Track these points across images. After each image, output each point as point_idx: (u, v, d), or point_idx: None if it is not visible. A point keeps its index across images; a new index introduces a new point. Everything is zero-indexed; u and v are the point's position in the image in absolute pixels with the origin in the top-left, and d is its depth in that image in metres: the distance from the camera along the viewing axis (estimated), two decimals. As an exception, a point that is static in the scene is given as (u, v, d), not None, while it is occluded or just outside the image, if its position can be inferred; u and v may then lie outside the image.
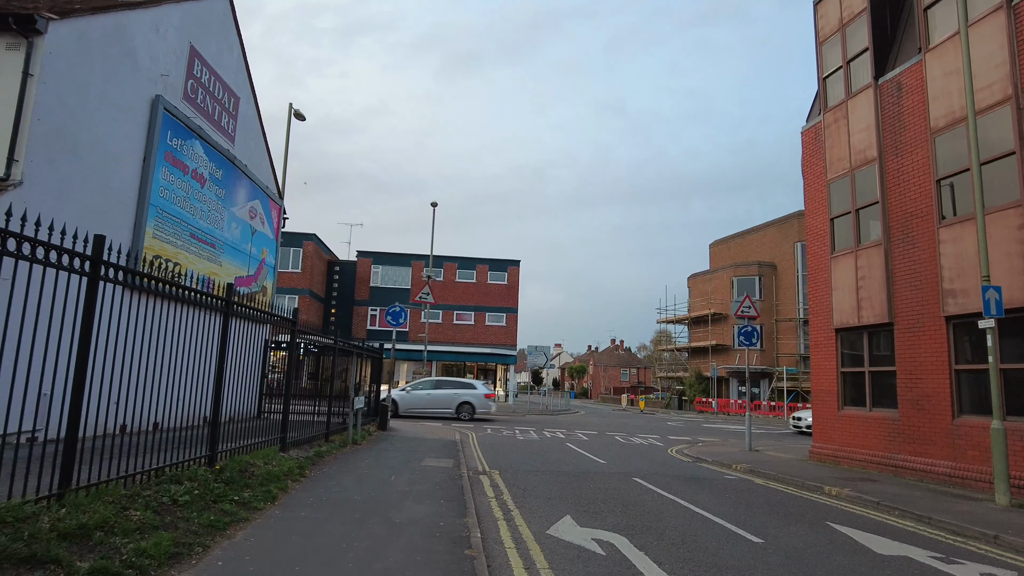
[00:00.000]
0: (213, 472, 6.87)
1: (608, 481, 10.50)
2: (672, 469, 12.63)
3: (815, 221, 14.97)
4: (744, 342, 17.16)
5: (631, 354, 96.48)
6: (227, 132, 14.59)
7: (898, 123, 12.47)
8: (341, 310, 42.28)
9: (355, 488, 8.11)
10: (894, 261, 12.37)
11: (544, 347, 36.29)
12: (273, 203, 17.45)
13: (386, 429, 16.22)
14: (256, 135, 16.41)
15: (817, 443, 14.25)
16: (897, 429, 11.96)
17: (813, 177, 15.15)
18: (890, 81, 12.75)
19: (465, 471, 10.40)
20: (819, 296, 14.63)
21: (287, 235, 38.46)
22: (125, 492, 5.36)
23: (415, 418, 23.30)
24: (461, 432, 18.33)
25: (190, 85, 12.81)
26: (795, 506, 8.99)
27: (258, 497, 6.72)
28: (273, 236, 17.51)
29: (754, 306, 17.43)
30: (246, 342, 8.48)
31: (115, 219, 10.35)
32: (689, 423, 30.43)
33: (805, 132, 15.67)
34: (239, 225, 15.22)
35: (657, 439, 20.24)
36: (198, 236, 13.13)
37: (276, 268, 18.08)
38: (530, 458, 13.23)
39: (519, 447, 15.39)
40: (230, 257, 14.79)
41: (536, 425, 23.82)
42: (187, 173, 12.53)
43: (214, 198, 13.76)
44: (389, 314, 17.09)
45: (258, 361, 11.86)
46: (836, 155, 14.20)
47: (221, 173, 13.99)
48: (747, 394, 17.34)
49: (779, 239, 44.85)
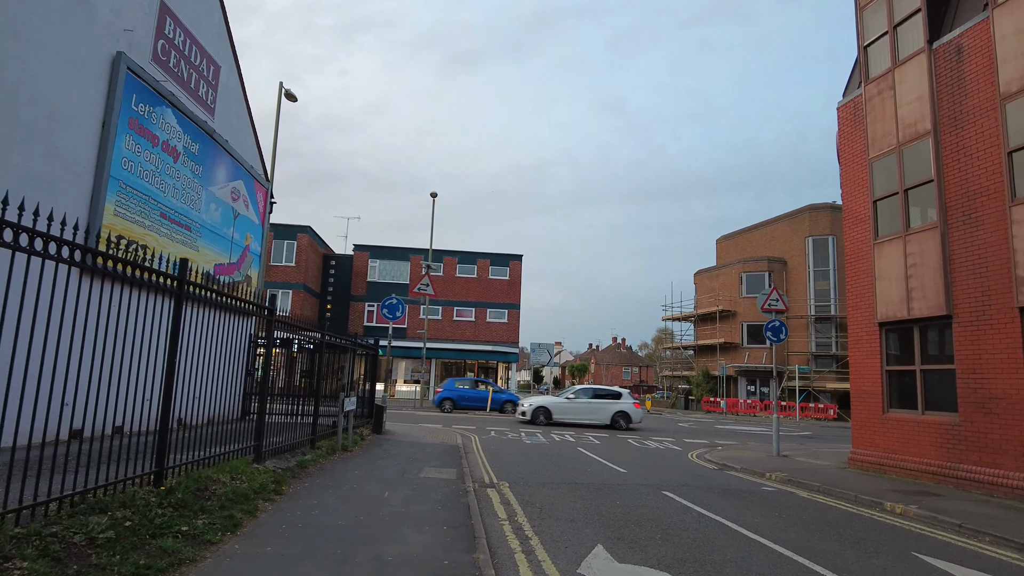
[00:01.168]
0: (158, 494, 5.47)
1: (635, 496, 9.11)
2: (701, 479, 11.26)
3: (854, 205, 13.58)
4: (772, 338, 15.77)
5: (633, 353, 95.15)
6: (205, 103, 13.16)
7: (958, 91, 11.08)
8: (337, 306, 40.83)
9: (340, 509, 6.72)
10: (953, 246, 10.99)
11: (548, 344, 35.01)
12: (259, 185, 16.02)
13: (381, 432, 14.81)
14: (239, 109, 14.98)
15: (858, 449, 12.87)
16: (958, 435, 10.58)
17: (851, 157, 13.75)
18: (947, 44, 11.36)
19: (470, 484, 9.02)
20: (859, 287, 13.25)
21: (280, 227, 37.04)
22: (19, 531, 3.96)
23: (418, 422, 21.90)
24: (463, 435, 16.94)
25: (160, 46, 11.38)
26: (861, 528, 7.60)
27: (215, 526, 5.32)
28: (259, 221, 16.08)
29: (782, 299, 16.04)
30: (220, 334, 7.11)
31: (66, 190, 8.94)
32: (701, 424, 29.05)
33: (841, 108, 14.27)
34: (219, 207, 13.80)
35: (672, 442, 18.87)
36: (171, 217, 11.72)
37: (264, 257, 16.64)
38: (542, 467, 11.85)
39: (527, 453, 14.00)
40: (209, 242, 13.38)
41: (542, 427, 22.44)
42: (157, 144, 11.11)
43: (189, 175, 12.34)
44: (385, 307, 15.69)
45: (241, 357, 10.51)
46: (880, 131, 12.80)
47: (198, 148, 12.57)
48: (773, 394, 15.97)
49: (789, 234, 43.46)
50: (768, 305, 15.98)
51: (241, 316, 7.88)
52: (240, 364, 9.79)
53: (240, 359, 9.20)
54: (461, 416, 25.83)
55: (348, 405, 11.50)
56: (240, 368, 10.44)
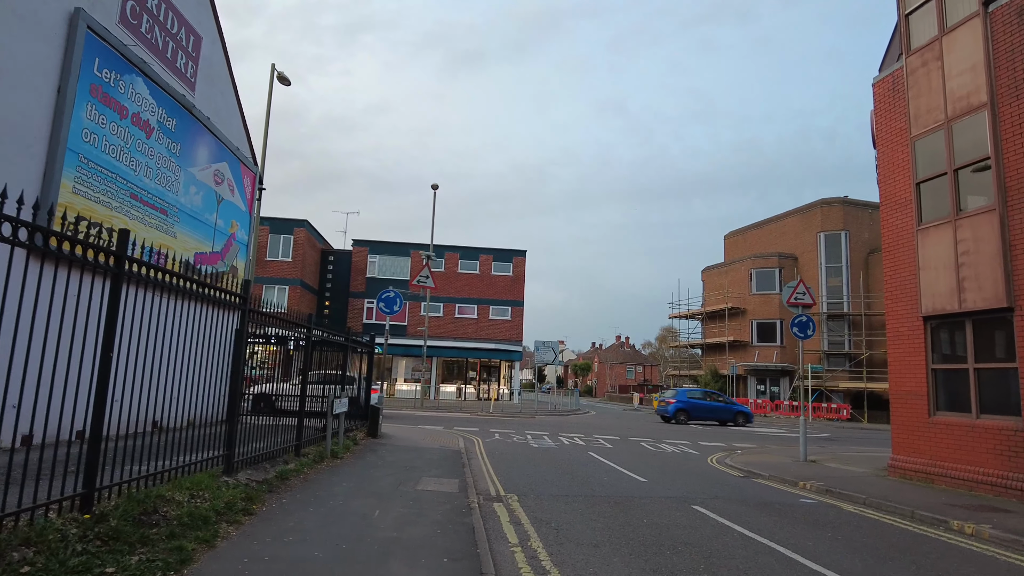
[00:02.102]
0: (81, 524, 4.34)
1: (663, 512, 7.98)
2: (730, 490, 10.12)
3: (893, 188, 12.41)
4: (799, 334, 14.63)
5: (637, 351, 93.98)
6: (184, 76, 12.03)
7: (1020, 57, 9.91)
8: (335, 302, 39.69)
9: (320, 535, 5.59)
10: (1013, 230, 9.82)
11: (552, 342, 33.81)
12: (246, 169, 14.89)
13: (377, 436, 13.68)
14: (224, 86, 13.84)
15: (899, 455, 11.72)
16: (1022, 442, 9.42)
17: (890, 136, 12.58)
18: (1006, 6, 10.19)
19: (474, 498, 7.89)
20: (900, 278, 12.09)
21: (276, 221, 35.93)
22: None
23: (418, 423, 20.79)
24: (466, 439, 15.82)
25: (130, 7, 10.25)
26: (936, 555, 6.45)
27: (154, 564, 4.20)
28: (246, 208, 14.94)
29: (809, 292, 14.89)
30: (191, 326, 6.02)
31: (12, 162, 7.80)
32: (713, 425, 27.89)
33: (878, 84, 13.10)
34: (201, 190, 12.68)
35: (688, 445, 17.73)
36: (143, 198, 10.59)
37: (254, 248, 15.52)
38: (553, 475, 10.71)
39: (536, 459, 12.87)
40: (189, 228, 12.25)
41: (549, 428, 21.30)
42: (126, 117, 9.98)
43: (165, 153, 11.22)
44: (381, 300, 14.56)
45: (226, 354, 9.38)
46: (925, 105, 11.64)
47: (175, 123, 11.44)
48: (799, 394, 14.83)
49: (801, 229, 42.24)
50: (795, 299, 14.84)
51: (222, 308, 6.79)
52: (224, 361, 8.64)
53: (223, 355, 8.09)
54: (461, 417, 24.73)
55: (339, 407, 10.38)
56: (224, 365, 9.31)
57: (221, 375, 7.14)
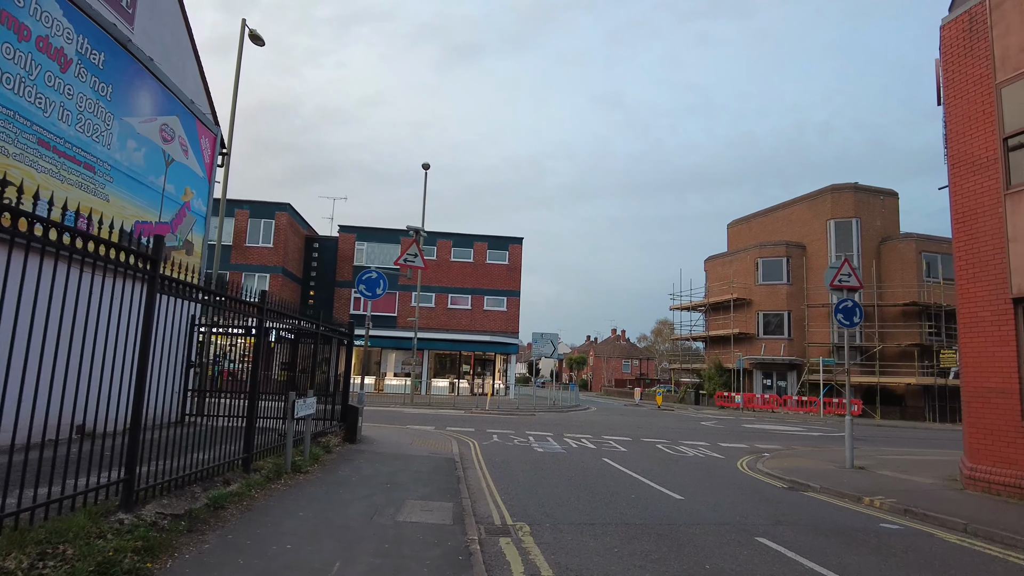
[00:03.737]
0: None
1: (723, 548, 6.00)
2: (786, 509, 8.17)
3: (969, 146, 10.46)
4: (843, 321, 12.68)
5: (632, 345, 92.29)
6: (119, 5, 9.88)
7: None
8: (321, 292, 37.48)
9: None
10: None
11: (551, 334, 31.83)
12: (204, 128, 12.72)
13: (355, 441, 11.60)
14: (176, 27, 11.68)
15: (980, 465, 9.81)
16: None
17: (965, 85, 10.62)
18: None
19: (474, 532, 5.87)
20: (978, 253, 10.16)
21: (256, 204, 33.67)
22: None
23: (407, 422, 18.74)
24: (460, 441, 13.79)
25: (35, -98, 8.07)
26: None
27: None
28: (204, 173, 12.79)
29: (855, 274, 12.93)
30: (76, 301, 3.97)
31: None
32: (725, 423, 26.02)
33: (948, 26, 11.12)
34: (143, 146, 10.55)
35: (708, 447, 15.81)
36: (56, 147, 8.46)
37: (209, 218, 13.39)
38: (568, 491, 8.71)
39: (545, 468, 10.86)
40: (126, 190, 10.13)
41: (551, 427, 19.32)
42: (28, 39, 7.84)
43: (90, 94, 9.08)
44: (362, 281, 12.49)
45: (179, 345, 7.35)
46: (1014, 44, 9.68)
47: (103, 58, 9.29)
48: (847, 392, 12.92)
49: (809, 217, 40.39)
50: (839, 281, 12.88)
51: (127, 277, 4.74)
52: (173, 352, 6.57)
53: (172, 346, 6.04)
54: (455, 415, 22.73)
55: (302, 409, 8.31)
56: (173, 358, 7.23)
57: (125, 366, 5.06)
